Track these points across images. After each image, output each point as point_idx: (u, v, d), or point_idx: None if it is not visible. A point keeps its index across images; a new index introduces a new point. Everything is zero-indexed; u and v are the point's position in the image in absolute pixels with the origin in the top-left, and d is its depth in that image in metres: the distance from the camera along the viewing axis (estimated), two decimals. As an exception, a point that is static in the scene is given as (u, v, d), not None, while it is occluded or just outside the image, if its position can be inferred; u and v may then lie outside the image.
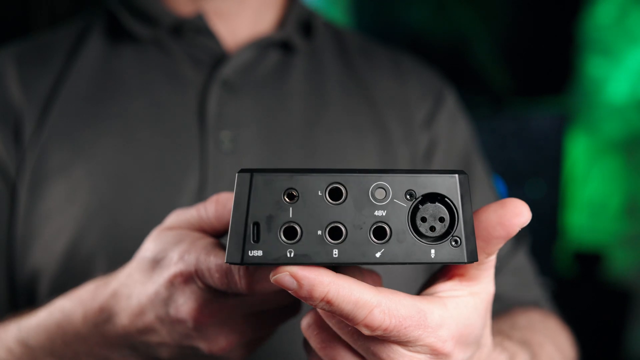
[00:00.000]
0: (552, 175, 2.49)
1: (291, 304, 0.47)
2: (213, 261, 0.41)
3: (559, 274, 2.60)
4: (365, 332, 0.36)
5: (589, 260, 2.62)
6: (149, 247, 0.46)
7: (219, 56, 0.75)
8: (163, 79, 0.74)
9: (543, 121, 2.49)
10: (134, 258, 0.48)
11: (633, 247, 2.59)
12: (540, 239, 2.40)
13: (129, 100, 0.73)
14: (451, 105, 0.83)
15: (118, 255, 0.55)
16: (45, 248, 0.69)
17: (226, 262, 0.35)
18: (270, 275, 0.35)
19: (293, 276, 0.35)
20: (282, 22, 0.79)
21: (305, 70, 0.79)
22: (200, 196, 0.69)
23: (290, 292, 0.35)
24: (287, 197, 0.35)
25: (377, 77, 0.82)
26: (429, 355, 0.38)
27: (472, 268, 0.40)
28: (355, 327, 0.36)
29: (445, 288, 0.40)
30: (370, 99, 0.79)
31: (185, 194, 0.69)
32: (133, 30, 0.75)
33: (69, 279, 0.66)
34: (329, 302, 0.35)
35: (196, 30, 0.75)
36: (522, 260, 0.79)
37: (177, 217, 0.47)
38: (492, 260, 0.40)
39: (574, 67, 2.74)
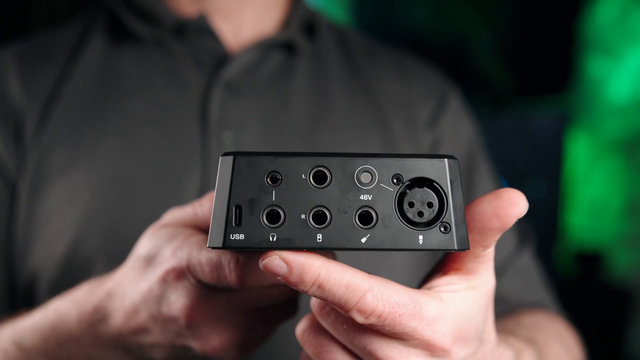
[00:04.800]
0: (553, 175, 2.49)
1: (286, 302, 0.46)
2: (204, 255, 0.41)
3: (560, 274, 2.59)
4: (359, 319, 0.35)
5: (590, 261, 2.61)
6: (144, 244, 0.46)
7: (221, 57, 0.75)
8: (165, 80, 0.74)
9: (543, 121, 2.49)
10: (130, 256, 0.47)
11: (634, 248, 2.58)
12: (540, 239, 2.39)
13: (131, 101, 0.73)
14: (455, 105, 0.82)
15: (118, 257, 0.54)
16: (45, 249, 0.68)
17: (208, 246, 0.35)
18: (260, 261, 0.35)
19: (283, 259, 0.34)
20: (286, 23, 0.79)
21: (308, 71, 0.78)
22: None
23: (280, 277, 0.34)
24: (270, 180, 0.34)
25: (381, 77, 0.81)
26: (427, 352, 0.37)
27: (469, 261, 0.39)
28: (348, 314, 0.35)
29: (442, 283, 0.39)
30: (374, 100, 0.79)
31: (187, 195, 0.69)
32: (135, 30, 0.75)
33: (68, 281, 0.65)
34: (320, 287, 0.34)
35: (199, 31, 0.74)
36: (527, 261, 0.78)
37: (173, 215, 0.47)
38: (489, 252, 0.39)
39: (574, 66, 2.73)
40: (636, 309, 2.45)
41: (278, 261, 0.34)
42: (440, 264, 0.41)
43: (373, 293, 0.35)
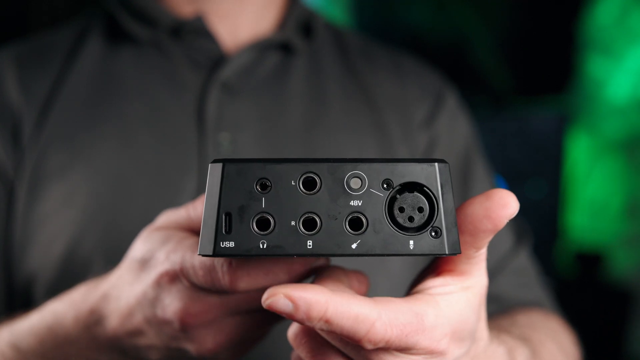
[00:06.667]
0: (553, 175, 2.48)
1: None
2: (197, 258, 0.41)
3: (560, 274, 2.58)
4: (368, 347, 0.35)
5: (590, 261, 2.61)
6: (138, 247, 0.46)
7: (217, 58, 0.74)
8: (162, 82, 0.74)
9: (543, 121, 2.48)
10: (125, 259, 0.47)
11: (634, 248, 2.58)
12: (540, 239, 2.38)
13: (128, 103, 0.73)
14: (452, 105, 0.82)
15: (116, 258, 0.54)
16: (43, 251, 0.68)
17: (198, 254, 0.35)
18: (263, 300, 0.34)
19: (288, 298, 0.33)
20: (282, 23, 0.78)
21: (305, 72, 0.78)
22: None
23: (285, 316, 0.34)
24: (259, 187, 0.34)
25: (378, 78, 0.81)
26: (424, 357, 0.37)
27: (462, 263, 0.39)
28: (357, 344, 0.35)
29: (435, 284, 0.39)
30: (370, 100, 0.79)
31: (184, 196, 0.69)
32: (132, 31, 0.75)
33: (66, 282, 0.65)
34: (327, 322, 0.34)
35: (195, 32, 0.74)
36: (524, 260, 0.78)
37: (167, 217, 0.47)
38: (482, 253, 0.39)
39: (574, 66, 2.73)
40: (636, 309, 2.45)
41: (283, 300, 0.33)
42: (433, 265, 0.41)
43: (381, 321, 0.34)
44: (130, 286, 0.46)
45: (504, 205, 0.36)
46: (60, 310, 0.52)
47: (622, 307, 2.46)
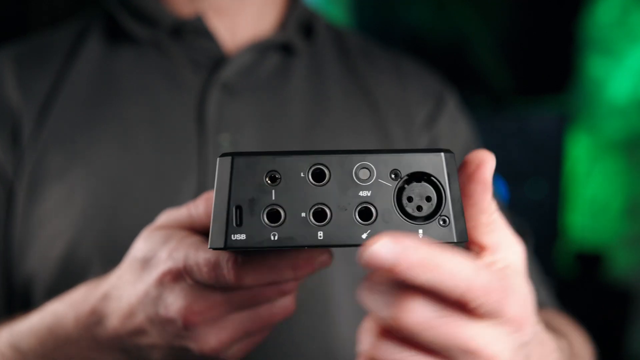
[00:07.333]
0: (553, 175, 2.49)
1: (283, 300, 0.46)
2: (201, 255, 0.41)
3: (560, 274, 2.59)
4: (472, 301, 0.32)
5: (590, 261, 2.62)
6: (139, 247, 0.46)
7: (218, 58, 0.74)
8: (162, 82, 0.74)
9: (544, 121, 2.49)
10: (125, 259, 0.47)
11: (634, 248, 2.58)
12: (541, 239, 2.39)
13: (128, 103, 0.73)
14: (452, 107, 0.82)
15: (115, 259, 0.54)
16: (42, 252, 0.68)
17: (210, 247, 0.35)
18: (363, 251, 0.31)
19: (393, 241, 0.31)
20: (283, 24, 0.78)
21: (305, 73, 0.78)
22: None
23: (380, 267, 0.31)
24: (269, 180, 0.35)
25: (378, 79, 0.81)
26: (509, 329, 0.35)
27: (485, 234, 0.37)
28: (456, 298, 0.32)
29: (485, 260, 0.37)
30: (371, 101, 0.79)
31: (184, 197, 0.68)
32: (132, 31, 0.75)
33: (65, 283, 0.65)
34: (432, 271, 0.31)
35: (195, 32, 0.74)
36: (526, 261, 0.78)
37: (168, 216, 0.47)
38: (496, 217, 0.37)
39: (574, 66, 2.73)
40: (636, 309, 2.45)
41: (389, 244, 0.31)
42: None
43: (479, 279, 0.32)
44: (132, 285, 0.46)
45: (480, 164, 0.36)
46: (60, 310, 0.52)
47: (622, 307, 2.47)
